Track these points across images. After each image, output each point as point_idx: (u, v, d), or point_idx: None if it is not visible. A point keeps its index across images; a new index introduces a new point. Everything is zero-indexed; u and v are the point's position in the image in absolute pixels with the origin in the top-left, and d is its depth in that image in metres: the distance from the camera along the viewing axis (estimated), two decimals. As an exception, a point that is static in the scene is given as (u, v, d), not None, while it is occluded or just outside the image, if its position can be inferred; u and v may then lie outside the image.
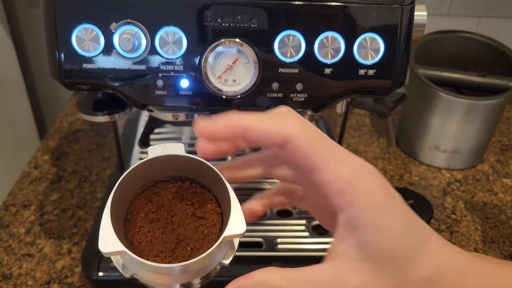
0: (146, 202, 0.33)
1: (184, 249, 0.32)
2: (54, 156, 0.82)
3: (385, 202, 0.28)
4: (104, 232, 0.29)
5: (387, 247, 0.27)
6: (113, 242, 0.29)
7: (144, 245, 0.31)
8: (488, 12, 0.94)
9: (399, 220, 0.28)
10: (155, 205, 0.33)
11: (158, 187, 0.34)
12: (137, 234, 0.32)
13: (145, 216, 0.32)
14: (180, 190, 0.34)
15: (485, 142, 0.81)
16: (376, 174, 0.29)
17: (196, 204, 0.34)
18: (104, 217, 0.30)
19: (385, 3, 0.46)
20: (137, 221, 0.32)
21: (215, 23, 0.46)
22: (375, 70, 0.47)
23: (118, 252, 0.29)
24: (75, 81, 0.47)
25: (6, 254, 0.65)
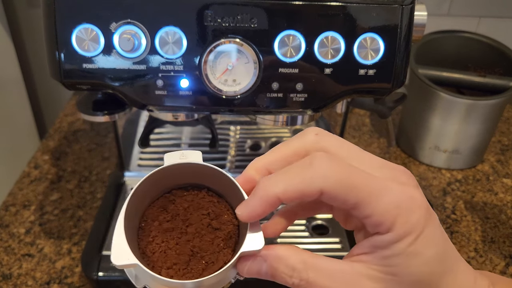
0: (161, 210, 0.32)
1: (199, 262, 0.31)
2: (54, 156, 0.82)
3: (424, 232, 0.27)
4: (117, 243, 0.29)
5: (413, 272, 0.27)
6: (126, 254, 0.28)
7: (158, 256, 0.31)
8: (488, 12, 0.94)
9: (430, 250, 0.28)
10: (170, 214, 0.32)
11: (174, 195, 0.33)
12: (150, 244, 0.31)
13: (159, 225, 0.32)
14: (196, 198, 0.33)
15: (485, 142, 0.81)
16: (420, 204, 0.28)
17: (212, 214, 0.33)
18: (117, 227, 0.29)
19: (385, 3, 0.46)
20: (151, 230, 0.31)
21: (215, 23, 0.45)
22: (375, 70, 0.47)
23: (130, 265, 0.28)
24: (75, 81, 0.47)
25: (6, 254, 0.65)
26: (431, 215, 0.28)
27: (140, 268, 0.28)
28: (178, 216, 0.32)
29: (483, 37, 0.83)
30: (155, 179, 0.32)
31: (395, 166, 0.30)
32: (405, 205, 0.27)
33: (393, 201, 0.27)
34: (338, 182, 0.27)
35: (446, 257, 0.28)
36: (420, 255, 0.27)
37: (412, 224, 0.27)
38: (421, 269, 0.27)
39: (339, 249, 0.61)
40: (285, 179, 0.28)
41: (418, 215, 0.27)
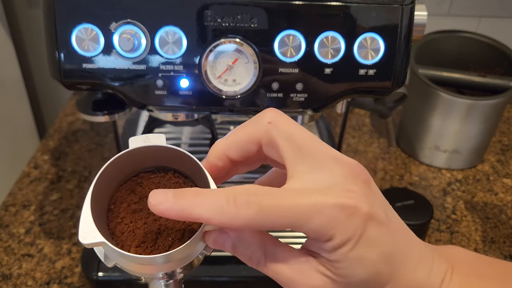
0: (129, 192, 0.33)
1: (166, 239, 0.32)
2: (54, 156, 0.82)
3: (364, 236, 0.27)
4: (84, 223, 0.29)
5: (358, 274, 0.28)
6: (93, 233, 0.29)
7: (127, 236, 0.31)
8: (488, 12, 0.94)
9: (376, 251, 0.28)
10: (137, 196, 0.33)
11: (141, 178, 0.34)
12: (119, 225, 0.32)
13: (127, 207, 0.33)
14: (163, 180, 0.34)
15: (486, 142, 0.81)
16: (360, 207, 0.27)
17: None
18: (84, 208, 0.30)
19: (385, 3, 0.46)
20: (120, 211, 0.32)
21: (215, 23, 0.45)
22: (375, 70, 0.47)
23: (98, 243, 0.29)
24: (74, 81, 0.47)
25: (6, 254, 0.65)
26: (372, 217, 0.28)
27: (108, 246, 0.29)
28: (145, 197, 0.33)
29: (483, 37, 0.83)
30: (120, 162, 0.32)
31: (346, 160, 0.29)
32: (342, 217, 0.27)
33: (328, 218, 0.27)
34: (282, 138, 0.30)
35: (394, 255, 0.28)
36: (364, 258, 0.27)
37: (350, 231, 0.27)
38: (367, 270, 0.28)
39: None
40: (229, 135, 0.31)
41: (356, 221, 0.27)
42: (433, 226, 0.72)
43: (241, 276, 0.56)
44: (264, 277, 0.60)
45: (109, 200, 0.33)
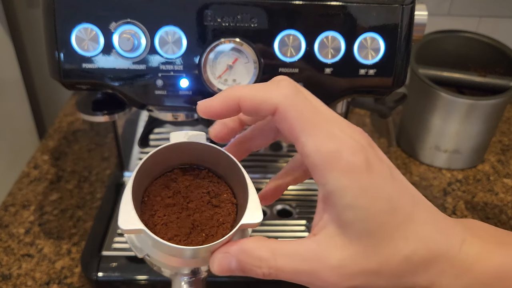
0: (163, 187, 0.34)
1: (199, 234, 0.32)
2: (54, 156, 0.82)
3: (365, 183, 0.27)
4: (125, 209, 0.30)
5: (364, 226, 0.27)
6: (133, 219, 0.29)
7: (159, 228, 0.32)
8: (488, 12, 0.94)
9: (379, 200, 0.28)
10: (171, 191, 0.34)
11: (176, 174, 0.35)
12: (152, 217, 0.32)
13: (161, 201, 0.33)
14: (197, 178, 0.35)
15: (486, 142, 0.81)
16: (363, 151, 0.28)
17: (212, 192, 0.34)
18: (124, 196, 0.30)
19: (385, 2, 0.46)
20: (154, 204, 0.33)
21: (215, 22, 0.45)
22: (376, 70, 0.47)
23: (136, 230, 0.29)
24: (74, 81, 0.47)
25: (6, 254, 0.65)
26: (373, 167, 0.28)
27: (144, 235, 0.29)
28: (179, 193, 0.33)
29: (484, 37, 0.83)
30: (160, 156, 0.33)
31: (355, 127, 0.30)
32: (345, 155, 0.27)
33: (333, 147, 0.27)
34: (294, 103, 0.28)
35: (397, 206, 0.28)
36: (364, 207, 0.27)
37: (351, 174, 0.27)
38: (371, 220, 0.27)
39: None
40: (250, 87, 0.29)
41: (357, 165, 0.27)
42: (433, 226, 0.71)
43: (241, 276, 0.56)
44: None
45: (143, 193, 0.33)
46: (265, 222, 0.64)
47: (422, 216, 0.29)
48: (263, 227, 0.63)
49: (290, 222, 0.64)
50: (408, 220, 0.28)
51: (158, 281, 0.56)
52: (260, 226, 0.62)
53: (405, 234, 0.28)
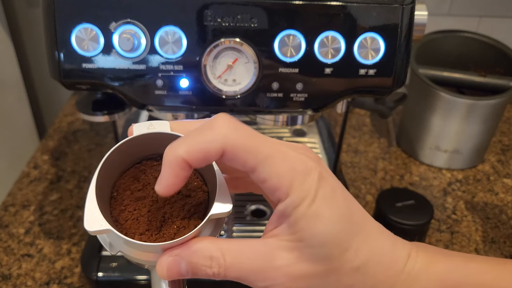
0: (132, 180, 0.33)
1: (170, 227, 0.31)
2: (54, 156, 0.82)
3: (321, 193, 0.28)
4: (90, 210, 0.29)
5: (318, 236, 0.28)
6: (99, 220, 0.29)
7: (130, 223, 0.31)
8: (488, 12, 0.94)
9: (333, 211, 0.29)
10: (141, 183, 0.33)
11: (144, 165, 0.34)
12: (123, 212, 0.32)
13: (131, 194, 0.32)
14: None
15: (486, 142, 0.81)
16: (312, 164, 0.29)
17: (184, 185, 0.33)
18: (89, 195, 0.30)
19: (385, 2, 0.46)
20: (123, 199, 0.32)
21: (215, 22, 0.45)
22: (376, 70, 0.47)
23: (103, 230, 0.29)
24: (74, 80, 0.47)
25: (6, 254, 0.65)
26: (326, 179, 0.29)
27: (113, 234, 0.29)
28: (149, 185, 0.33)
29: (484, 37, 0.83)
30: (124, 149, 0.32)
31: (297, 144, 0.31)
32: (300, 169, 0.28)
33: (288, 164, 0.28)
34: (238, 142, 0.28)
35: (350, 218, 0.29)
36: (321, 216, 0.28)
37: (308, 186, 0.28)
38: (325, 229, 0.28)
39: None
40: (188, 140, 0.29)
41: (312, 177, 0.28)
42: (433, 226, 0.71)
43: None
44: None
45: (112, 188, 0.33)
46: (265, 222, 0.64)
47: (373, 230, 0.30)
48: (263, 227, 0.63)
49: (265, 222, 0.64)
50: (360, 232, 0.29)
51: (158, 281, 0.56)
52: (260, 226, 0.62)
53: (357, 245, 0.29)
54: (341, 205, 0.29)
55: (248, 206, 0.67)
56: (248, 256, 0.29)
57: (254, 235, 0.62)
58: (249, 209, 0.66)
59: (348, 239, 0.29)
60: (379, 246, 0.30)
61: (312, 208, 0.28)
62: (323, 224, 0.28)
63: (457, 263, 0.31)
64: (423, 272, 0.30)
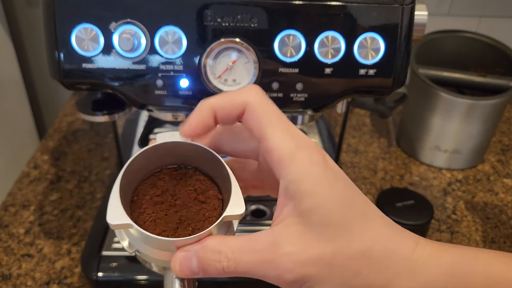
0: (151, 186, 0.35)
1: (186, 229, 0.33)
2: (54, 156, 0.82)
3: (323, 174, 0.29)
4: (113, 206, 0.31)
5: (322, 214, 0.29)
6: (121, 216, 0.30)
7: (148, 224, 0.33)
8: (488, 12, 0.94)
9: (336, 192, 0.29)
10: (160, 189, 0.35)
11: (163, 173, 0.36)
12: (142, 215, 0.34)
13: (150, 199, 0.34)
14: (184, 177, 0.36)
15: (486, 142, 0.81)
16: (318, 149, 0.30)
17: (199, 189, 0.36)
18: (113, 192, 0.31)
19: (385, 2, 0.46)
20: (142, 203, 0.34)
21: (215, 22, 0.45)
22: (376, 70, 0.47)
23: (125, 225, 0.30)
24: (74, 80, 0.47)
25: (6, 254, 0.65)
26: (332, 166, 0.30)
27: (133, 230, 0.31)
28: (167, 191, 0.35)
29: (484, 37, 0.83)
30: (147, 155, 0.34)
31: None
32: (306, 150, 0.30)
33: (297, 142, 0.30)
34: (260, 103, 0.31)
35: (352, 203, 0.30)
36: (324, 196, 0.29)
37: (312, 166, 0.29)
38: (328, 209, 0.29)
39: None
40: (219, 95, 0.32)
41: (317, 159, 0.30)
42: (433, 226, 0.72)
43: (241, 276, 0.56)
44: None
45: (133, 192, 0.35)
46: (265, 222, 0.64)
47: (377, 216, 0.30)
48: (263, 227, 0.63)
49: (265, 222, 0.64)
50: (364, 218, 0.30)
51: (158, 281, 0.56)
52: (260, 226, 0.62)
53: (362, 229, 0.29)
54: (343, 190, 0.30)
55: (248, 206, 0.67)
56: (255, 249, 0.29)
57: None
58: (249, 209, 0.66)
59: (350, 223, 0.29)
60: (384, 232, 0.30)
61: (315, 187, 0.29)
62: (327, 204, 0.29)
63: (466, 253, 0.30)
64: (432, 260, 0.30)
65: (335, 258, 0.29)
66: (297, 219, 0.29)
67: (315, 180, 0.29)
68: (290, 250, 0.29)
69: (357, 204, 0.30)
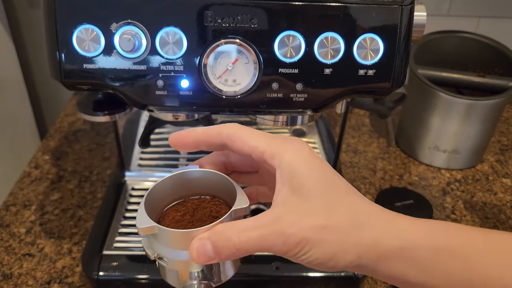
0: (175, 210, 0.42)
1: None
2: (55, 156, 0.82)
3: (310, 158, 0.35)
4: (140, 215, 0.37)
5: (311, 188, 0.34)
6: (147, 220, 0.36)
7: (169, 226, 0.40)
8: (487, 12, 0.94)
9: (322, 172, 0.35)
10: (181, 213, 0.42)
11: (186, 202, 0.43)
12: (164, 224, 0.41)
13: (172, 219, 0.41)
14: (203, 203, 0.43)
15: (485, 142, 0.81)
16: (303, 141, 0.36)
17: (214, 211, 0.42)
18: (140, 204, 0.38)
19: (384, 3, 0.46)
20: (166, 221, 0.40)
21: (215, 23, 0.46)
22: (375, 70, 0.48)
23: (150, 227, 0.36)
24: (75, 81, 0.47)
25: (7, 254, 0.65)
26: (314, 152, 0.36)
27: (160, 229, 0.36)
28: (187, 213, 0.42)
29: (483, 37, 0.83)
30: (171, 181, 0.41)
31: None
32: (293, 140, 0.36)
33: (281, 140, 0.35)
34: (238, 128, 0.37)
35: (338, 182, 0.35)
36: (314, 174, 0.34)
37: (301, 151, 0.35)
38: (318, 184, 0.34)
39: None
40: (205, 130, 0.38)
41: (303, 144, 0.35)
42: (432, 225, 0.72)
43: (241, 276, 0.57)
44: (263, 277, 0.60)
45: (158, 215, 0.41)
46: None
47: (359, 195, 0.36)
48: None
49: None
50: (347, 194, 0.35)
51: (158, 281, 0.56)
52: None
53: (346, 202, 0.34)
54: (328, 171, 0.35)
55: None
56: (261, 224, 0.33)
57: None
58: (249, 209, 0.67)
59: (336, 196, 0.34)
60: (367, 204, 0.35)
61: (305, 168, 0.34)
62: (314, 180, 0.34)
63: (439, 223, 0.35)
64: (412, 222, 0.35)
65: (327, 222, 0.33)
66: (292, 196, 0.34)
67: (305, 162, 0.34)
68: (290, 219, 0.33)
69: (341, 184, 0.35)
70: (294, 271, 0.58)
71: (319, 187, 0.34)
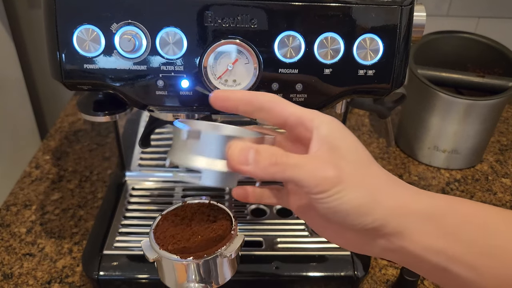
0: (175, 215, 0.48)
1: (196, 236, 0.45)
2: (55, 156, 0.83)
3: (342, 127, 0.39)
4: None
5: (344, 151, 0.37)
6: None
7: (168, 238, 0.45)
8: (487, 13, 0.94)
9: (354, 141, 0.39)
10: (180, 217, 0.47)
11: (185, 206, 0.49)
12: (163, 232, 0.46)
13: (172, 222, 0.47)
14: (202, 208, 0.48)
15: (484, 142, 0.82)
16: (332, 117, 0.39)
17: (212, 216, 0.47)
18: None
19: (384, 3, 0.46)
20: (165, 225, 0.47)
21: (215, 23, 0.46)
22: (375, 70, 0.48)
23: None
24: (75, 81, 0.48)
25: (7, 253, 0.65)
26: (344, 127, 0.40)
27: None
28: (186, 217, 0.47)
29: (482, 38, 0.83)
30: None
31: None
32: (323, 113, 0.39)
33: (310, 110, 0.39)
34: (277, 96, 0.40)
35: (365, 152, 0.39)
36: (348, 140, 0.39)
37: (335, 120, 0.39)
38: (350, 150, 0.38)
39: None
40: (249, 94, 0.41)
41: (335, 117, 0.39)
42: (432, 225, 0.72)
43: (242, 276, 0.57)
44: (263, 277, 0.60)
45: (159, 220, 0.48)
46: (265, 222, 0.64)
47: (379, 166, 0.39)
48: (263, 226, 0.63)
49: (290, 221, 0.64)
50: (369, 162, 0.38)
51: (158, 281, 0.56)
52: (260, 226, 0.62)
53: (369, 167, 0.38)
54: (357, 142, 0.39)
55: (248, 205, 0.67)
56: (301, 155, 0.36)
57: (254, 234, 0.62)
58: (249, 208, 0.67)
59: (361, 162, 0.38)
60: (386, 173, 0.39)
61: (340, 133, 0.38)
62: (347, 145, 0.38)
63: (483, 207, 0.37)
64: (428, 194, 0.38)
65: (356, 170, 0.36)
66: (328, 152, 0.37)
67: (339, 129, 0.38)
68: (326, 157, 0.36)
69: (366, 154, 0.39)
70: (294, 271, 0.58)
71: (351, 152, 0.37)
